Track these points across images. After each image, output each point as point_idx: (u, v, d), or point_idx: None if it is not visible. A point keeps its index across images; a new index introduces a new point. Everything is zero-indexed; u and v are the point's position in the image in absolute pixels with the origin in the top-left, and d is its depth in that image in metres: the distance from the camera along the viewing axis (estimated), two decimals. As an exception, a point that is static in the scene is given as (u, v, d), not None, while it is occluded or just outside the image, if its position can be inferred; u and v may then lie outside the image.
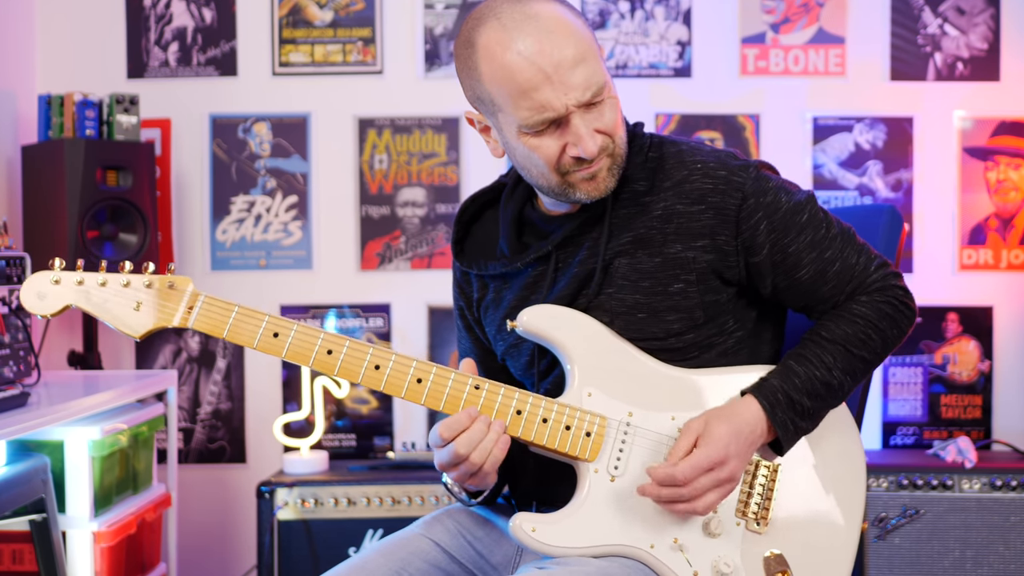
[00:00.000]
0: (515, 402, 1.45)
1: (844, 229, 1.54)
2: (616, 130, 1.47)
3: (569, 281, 1.54)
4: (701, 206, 1.50)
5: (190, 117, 3.42)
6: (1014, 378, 3.38)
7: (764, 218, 1.49)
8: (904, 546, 2.96)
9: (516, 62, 1.40)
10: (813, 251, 1.51)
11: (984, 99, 3.37)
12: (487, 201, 1.68)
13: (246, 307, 1.45)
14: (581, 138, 1.42)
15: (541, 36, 1.40)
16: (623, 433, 1.46)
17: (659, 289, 1.49)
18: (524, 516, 1.43)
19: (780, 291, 1.54)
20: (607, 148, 1.46)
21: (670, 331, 1.50)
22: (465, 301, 1.70)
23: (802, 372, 1.47)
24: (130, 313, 1.44)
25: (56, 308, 1.45)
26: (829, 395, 1.48)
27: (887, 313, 1.52)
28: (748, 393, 1.47)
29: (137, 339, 1.45)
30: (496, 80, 1.43)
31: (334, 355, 1.44)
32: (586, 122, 1.43)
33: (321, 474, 3.08)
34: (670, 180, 1.52)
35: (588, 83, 1.42)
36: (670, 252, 1.50)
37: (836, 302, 1.53)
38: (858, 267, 1.52)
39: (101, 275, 1.44)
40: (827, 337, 1.50)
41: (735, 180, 1.50)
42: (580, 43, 1.42)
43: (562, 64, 1.40)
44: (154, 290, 1.44)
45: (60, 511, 2.45)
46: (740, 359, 1.54)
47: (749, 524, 1.46)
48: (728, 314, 1.53)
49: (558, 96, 1.40)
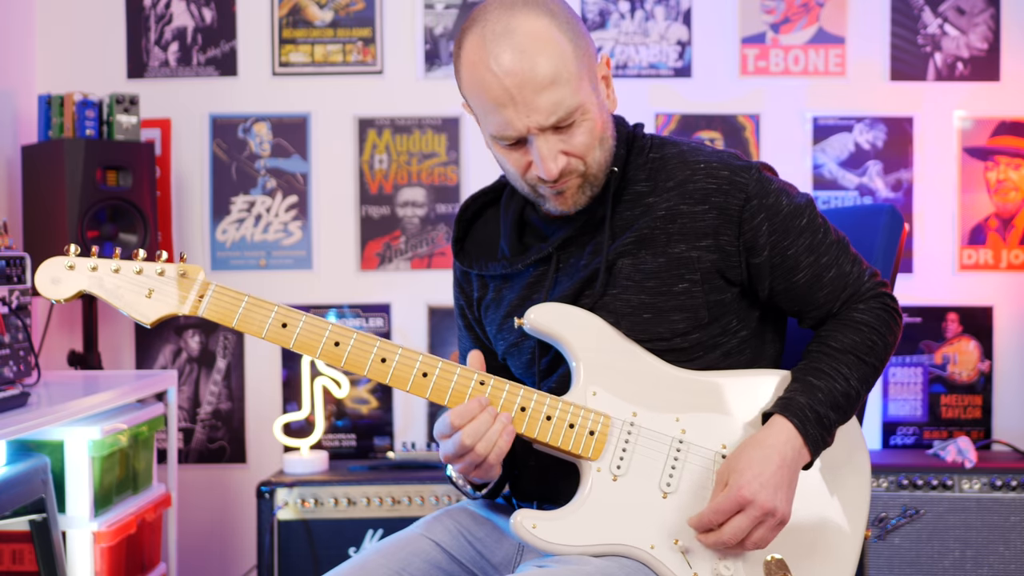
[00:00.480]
0: (519, 399, 1.45)
1: (840, 238, 1.56)
2: (588, 152, 1.46)
3: (571, 282, 1.54)
4: (705, 206, 1.50)
5: (190, 117, 3.42)
6: (1014, 378, 3.38)
7: (766, 220, 1.50)
8: (904, 546, 2.96)
9: (487, 79, 1.41)
10: (811, 255, 1.52)
11: (984, 99, 3.37)
12: (488, 200, 1.69)
13: (256, 297, 1.47)
14: (542, 160, 1.43)
15: (515, 55, 1.40)
16: (627, 433, 1.46)
17: (664, 289, 1.50)
18: (525, 513, 1.43)
19: (776, 294, 1.54)
20: (576, 170, 1.47)
21: (676, 331, 1.50)
22: (465, 300, 1.71)
23: (823, 386, 1.47)
24: (142, 300, 1.45)
25: (70, 293, 1.45)
26: (848, 405, 1.49)
27: (885, 320, 1.54)
28: (777, 414, 1.46)
29: (148, 326, 1.46)
30: (472, 90, 1.46)
31: (341, 347, 1.44)
32: (549, 144, 1.43)
33: (321, 474, 3.09)
34: (673, 180, 1.52)
35: (554, 107, 1.41)
36: (674, 252, 1.50)
37: (830, 309, 1.54)
38: (852, 275, 1.54)
39: (115, 262, 1.45)
40: (837, 348, 1.51)
41: (739, 180, 1.50)
42: (556, 63, 1.40)
43: (528, 86, 1.39)
44: (166, 278, 1.46)
45: (60, 511, 2.45)
46: (744, 360, 1.55)
47: None
48: (732, 314, 1.53)
49: (520, 118, 1.41)
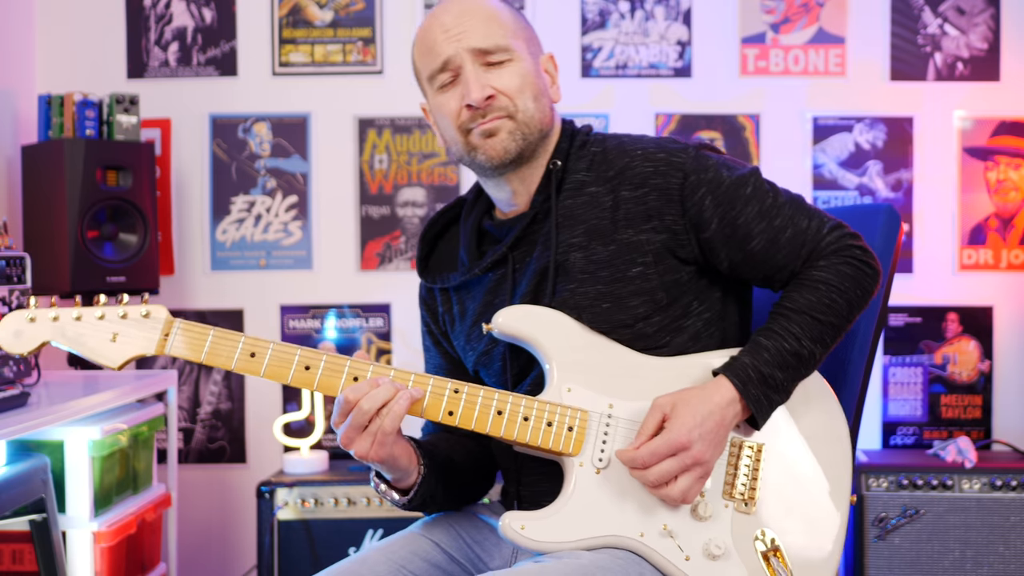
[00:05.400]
0: (495, 403, 1.46)
1: (793, 197, 1.55)
2: (517, 95, 1.52)
3: (529, 281, 1.56)
4: (645, 189, 1.52)
5: (190, 117, 3.42)
6: (1014, 378, 3.38)
7: (708, 193, 1.51)
8: (904, 546, 2.96)
9: (426, 25, 1.56)
10: (762, 221, 1.52)
11: (984, 99, 3.37)
12: (450, 219, 1.72)
13: (222, 329, 1.45)
14: (468, 85, 1.50)
15: (454, 6, 1.54)
16: (605, 425, 1.47)
17: (618, 276, 1.51)
18: (512, 515, 1.44)
19: (736, 265, 1.54)
20: (504, 107, 1.52)
21: (637, 316, 1.51)
22: (431, 316, 1.72)
23: (771, 346, 1.47)
24: (106, 345, 1.44)
25: (34, 345, 1.44)
26: (800, 365, 1.48)
27: (848, 274, 1.50)
28: (720, 373, 1.47)
29: (116, 369, 1.45)
30: (416, 48, 1.58)
31: (312, 370, 1.44)
32: (477, 73, 1.51)
33: (321, 474, 3.09)
34: (613, 169, 1.55)
35: (486, 35, 1.51)
36: (622, 238, 1.52)
37: (794, 269, 1.53)
38: (810, 231, 1.52)
39: (76, 310, 1.45)
40: (792, 308, 1.50)
41: (675, 160, 1.53)
42: (491, 15, 1.53)
43: (461, 20, 1.52)
44: (129, 320, 1.44)
45: (60, 511, 2.45)
46: (713, 342, 1.56)
47: (737, 505, 1.48)
48: (691, 295, 1.54)
49: (451, 43, 1.51)
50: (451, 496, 1.61)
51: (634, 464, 1.41)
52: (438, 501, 1.58)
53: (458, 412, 1.45)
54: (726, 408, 1.44)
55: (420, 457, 1.51)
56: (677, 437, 1.40)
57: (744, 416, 1.47)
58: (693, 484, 1.42)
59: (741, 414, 1.46)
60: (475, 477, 1.66)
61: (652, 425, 1.42)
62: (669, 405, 1.43)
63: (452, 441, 1.63)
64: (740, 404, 1.45)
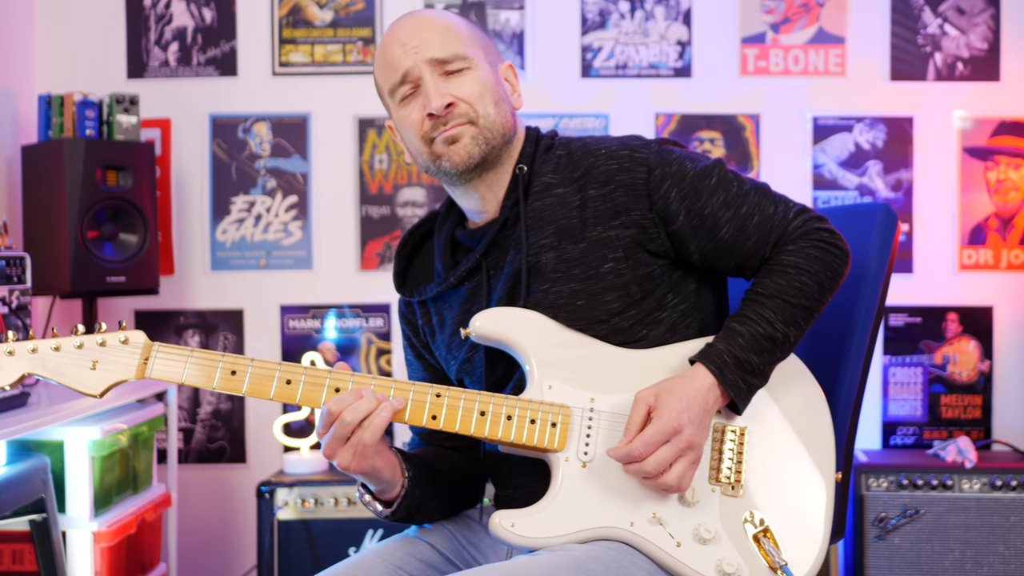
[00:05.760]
0: (477, 404, 1.47)
1: (758, 185, 1.57)
2: (477, 101, 1.54)
3: (503, 285, 1.57)
4: (611, 186, 1.54)
5: (190, 117, 3.42)
6: (1014, 378, 3.38)
7: (673, 186, 1.53)
8: (904, 546, 2.96)
9: (384, 43, 1.58)
10: (729, 209, 1.54)
11: (984, 99, 3.37)
12: (425, 233, 1.73)
13: (200, 350, 1.45)
14: (427, 93, 1.52)
15: (410, 21, 1.57)
16: (587, 419, 1.48)
17: (591, 273, 1.53)
18: (502, 514, 1.44)
19: (707, 255, 1.56)
20: (465, 114, 1.53)
21: (611, 311, 1.52)
22: (411, 329, 1.73)
23: (744, 331, 1.48)
24: (87, 373, 1.44)
25: (13, 378, 1.44)
26: (775, 348, 1.50)
27: (816, 257, 1.52)
28: (696, 361, 1.48)
29: (97, 397, 1.44)
30: (376, 66, 1.60)
31: (293, 384, 1.44)
32: (437, 83, 1.53)
33: (321, 474, 3.09)
34: (579, 170, 1.57)
35: (443, 44, 1.53)
36: (592, 235, 1.54)
37: (764, 255, 1.55)
38: (777, 216, 1.54)
39: (54, 340, 1.44)
40: (763, 293, 1.51)
41: (638, 156, 1.55)
42: (446, 26, 1.56)
43: (416, 34, 1.54)
44: (108, 347, 1.44)
45: (60, 511, 2.45)
46: (691, 333, 1.57)
47: (724, 489, 1.48)
48: (665, 287, 1.56)
49: (408, 56, 1.53)
50: (438, 507, 1.62)
51: (630, 458, 1.41)
52: (424, 513, 1.59)
53: (441, 416, 1.46)
54: (707, 393, 1.45)
55: (405, 469, 1.52)
56: (669, 423, 1.40)
57: (724, 402, 1.49)
58: (687, 469, 1.43)
59: (721, 399, 1.48)
60: (462, 487, 1.66)
61: (639, 419, 1.43)
62: (652, 396, 1.44)
63: (439, 453, 1.65)
64: (719, 390, 1.46)
